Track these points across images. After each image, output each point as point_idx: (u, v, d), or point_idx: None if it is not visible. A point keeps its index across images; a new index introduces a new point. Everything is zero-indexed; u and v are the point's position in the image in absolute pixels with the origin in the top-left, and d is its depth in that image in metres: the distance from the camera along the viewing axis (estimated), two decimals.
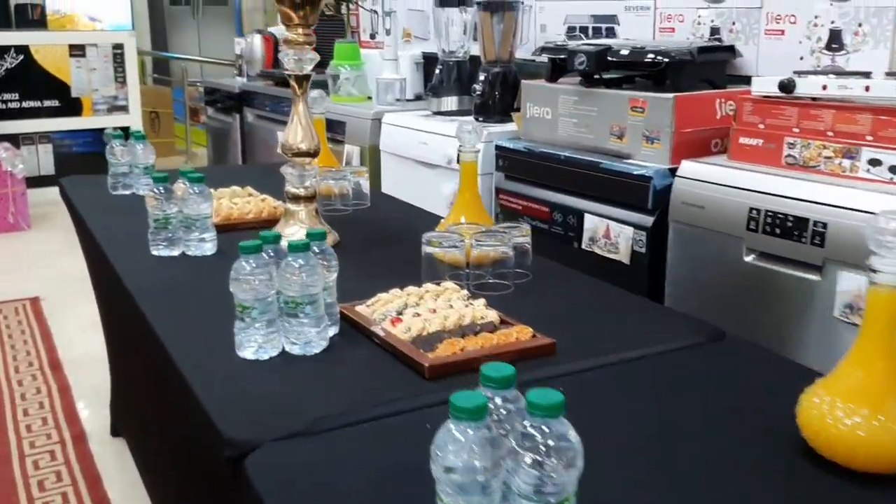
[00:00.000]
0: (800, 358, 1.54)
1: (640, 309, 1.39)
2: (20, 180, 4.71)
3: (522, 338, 1.16)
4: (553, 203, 2.22)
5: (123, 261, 1.60)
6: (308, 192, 1.70)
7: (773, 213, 1.66)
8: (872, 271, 0.84)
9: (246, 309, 1.13)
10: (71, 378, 2.84)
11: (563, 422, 0.68)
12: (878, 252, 0.83)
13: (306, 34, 1.63)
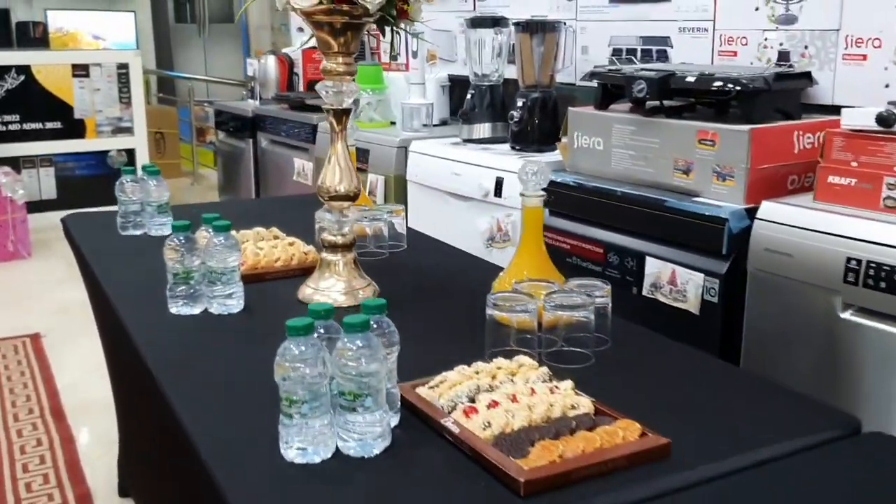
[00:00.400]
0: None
1: (753, 389, 1.18)
2: (21, 206, 4.51)
3: (630, 437, 0.95)
4: (608, 243, 2.02)
5: (137, 321, 1.40)
6: (346, 239, 1.51)
7: (875, 264, 1.46)
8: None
9: (295, 403, 0.92)
10: (74, 427, 2.63)
11: None
12: None
13: (347, 63, 1.43)
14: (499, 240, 2.39)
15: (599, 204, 2.03)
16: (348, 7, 1.34)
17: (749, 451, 0.96)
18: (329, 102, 1.46)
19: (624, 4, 2.40)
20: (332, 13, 1.36)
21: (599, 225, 2.05)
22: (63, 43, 7.51)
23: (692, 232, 1.79)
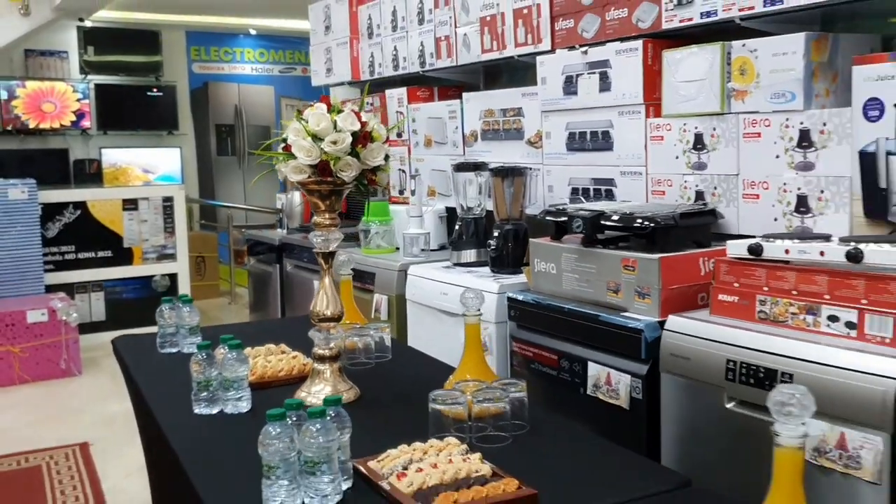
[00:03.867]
0: None
1: (619, 459, 1.56)
2: (73, 328, 5.03)
3: (509, 489, 1.34)
4: (560, 351, 2.41)
5: (169, 419, 1.83)
6: (332, 352, 1.93)
7: (746, 364, 1.84)
8: (776, 434, 1.03)
9: (272, 469, 1.34)
10: None
11: None
12: (778, 419, 1.02)
13: (332, 218, 1.90)
14: None
15: (553, 318, 2.44)
16: (331, 179, 1.82)
17: (596, 500, 1.34)
18: (318, 247, 1.93)
19: (578, 153, 2.87)
20: (319, 183, 1.84)
21: (554, 336, 2.45)
22: (115, 177, 8.30)
23: (620, 341, 2.19)
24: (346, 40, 4.25)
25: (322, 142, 1.75)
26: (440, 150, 3.64)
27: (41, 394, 4.72)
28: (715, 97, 2.36)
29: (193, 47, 9.00)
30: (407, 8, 3.76)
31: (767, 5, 2.19)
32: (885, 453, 1.61)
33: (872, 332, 1.73)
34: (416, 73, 3.76)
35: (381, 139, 1.85)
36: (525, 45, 3.06)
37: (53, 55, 8.13)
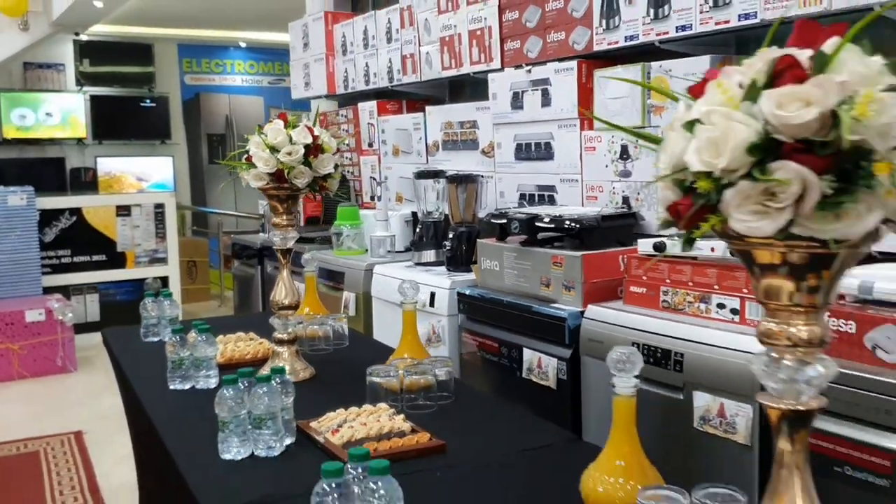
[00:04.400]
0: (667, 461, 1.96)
1: (523, 421, 1.85)
2: (69, 328, 5.31)
3: (422, 441, 1.63)
4: (501, 339, 2.70)
5: (147, 393, 2.11)
6: (290, 336, 2.21)
7: (648, 346, 2.13)
8: (612, 386, 1.31)
9: (225, 423, 1.62)
10: (109, 500, 3.29)
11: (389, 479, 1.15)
12: (615, 374, 1.30)
13: (289, 220, 2.19)
14: (434, 340, 3.07)
15: (495, 310, 2.73)
16: (287, 185, 2.10)
17: (495, 450, 1.63)
18: (277, 244, 2.21)
19: (525, 162, 3.16)
20: (277, 189, 2.12)
21: (496, 326, 2.73)
22: (110, 185, 8.58)
23: (548, 328, 2.47)
24: (322, 56, 4.54)
25: (279, 153, 2.04)
26: (406, 158, 3.93)
27: (38, 388, 4.99)
28: (637, 112, 2.65)
29: (185, 59, 9.31)
30: (377, 27, 4.06)
31: (679, 31, 2.49)
32: (754, 419, 1.90)
33: (751, 317, 2.02)
34: (385, 87, 4.05)
35: (331, 151, 2.13)
36: (479, 63, 3.35)
37: (51, 67, 8.43)
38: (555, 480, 1.48)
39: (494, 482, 1.50)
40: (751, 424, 1.91)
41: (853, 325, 1.75)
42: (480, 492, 1.47)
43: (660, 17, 2.53)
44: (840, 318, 1.77)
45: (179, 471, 1.58)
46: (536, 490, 1.46)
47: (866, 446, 1.67)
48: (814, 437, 1.74)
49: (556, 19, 2.95)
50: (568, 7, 2.89)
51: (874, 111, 0.65)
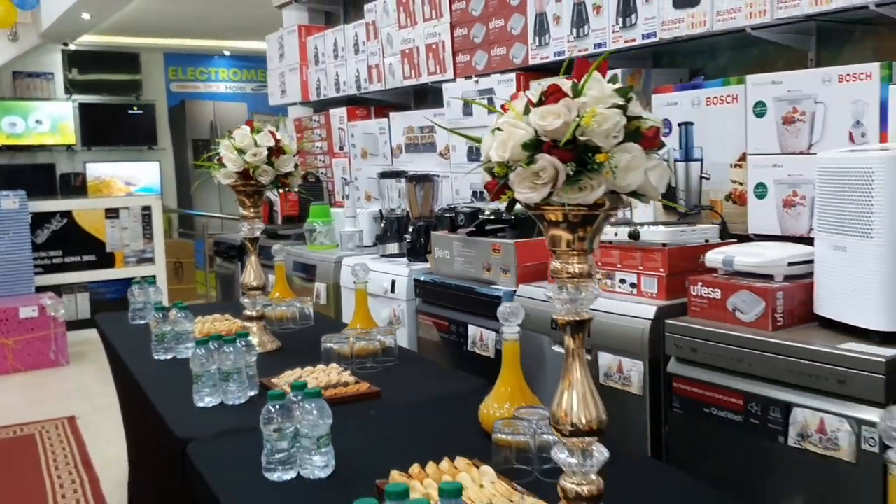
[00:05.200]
0: None
1: (450, 376, 2.21)
2: (61, 323, 5.63)
3: (361, 389, 1.99)
4: (450, 318, 3.06)
5: (135, 363, 2.46)
6: (258, 313, 2.57)
7: None
8: (503, 333, 1.67)
9: (198, 377, 1.97)
10: (100, 471, 3.63)
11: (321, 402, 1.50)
12: (504, 324, 1.66)
13: (255, 212, 2.54)
14: (395, 323, 3.43)
15: (445, 293, 3.09)
16: (252, 182, 2.46)
17: (423, 396, 1.99)
18: (245, 234, 2.57)
19: (475, 162, 3.53)
20: (244, 185, 2.48)
21: (446, 307, 3.09)
22: (99, 189, 8.91)
23: (487, 307, 2.83)
24: (296, 66, 4.90)
25: (245, 154, 2.39)
26: (374, 160, 4.29)
27: (32, 380, 5.32)
28: None
29: (171, 68, 9.65)
30: (346, 40, 4.42)
31: (596, 48, 2.86)
32: (645, 374, 2.27)
33: (646, 289, 2.39)
34: (354, 94, 4.41)
35: (292, 153, 2.49)
36: (435, 73, 3.72)
37: (40, 76, 8.75)
38: (465, 413, 1.84)
39: (416, 417, 1.86)
40: (642, 378, 2.27)
41: (719, 291, 2.12)
42: (405, 423, 1.83)
43: (580, 35, 2.90)
44: (709, 287, 2.14)
45: (161, 415, 1.93)
46: (450, 421, 1.82)
47: (726, 389, 2.04)
48: (686, 384, 2.13)
49: (498, 36, 3.32)
50: (507, 26, 3.26)
51: (597, 122, 1.02)
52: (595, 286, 1.17)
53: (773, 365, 1.95)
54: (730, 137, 2.47)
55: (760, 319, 2.03)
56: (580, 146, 1.03)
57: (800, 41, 2.52)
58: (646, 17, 2.65)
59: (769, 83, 2.35)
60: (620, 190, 1.08)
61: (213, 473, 1.59)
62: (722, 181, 2.54)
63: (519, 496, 1.35)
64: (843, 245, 1.92)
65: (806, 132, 2.27)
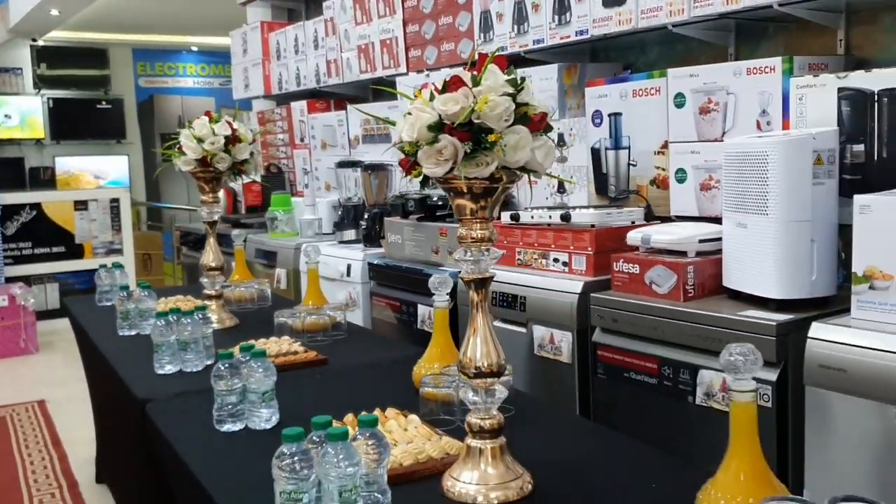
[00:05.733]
0: (521, 375, 2.53)
1: (391, 345, 2.40)
2: (30, 312, 5.74)
3: (309, 357, 2.17)
4: (401, 299, 3.24)
5: (101, 338, 2.62)
6: (217, 292, 2.74)
7: (503, 294, 2.69)
8: (435, 302, 1.86)
9: (158, 346, 2.14)
10: (68, 450, 3.78)
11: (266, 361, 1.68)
12: (435, 293, 1.85)
13: (214, 198, 2.71)
14: (350, 305, 3.61)
15: (396, 275, 3.27)
16: (211, 169, 2.63)
17: (365, 363, 2.17)
18: (205, 217, 2.73)
19: None
20: (204, 172, 2.64)
21: (397, 289, 3.28)
22: (68, 182, 8.97)
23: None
24: (259, 61, 5.06)
25: (203, 143, 2.56)
26: (333, 151, 4.46)
27: (3, 368, 5.43)
28: None
29: (139, 63, 9.73)
30: (305, 35, 4.58)
31: (535, 44, 3.05)
32: (573, 343, 2.47)
33: (576, 267, 2.59)
34: (314, 88, 4.58)
35: (247, 141, 2.66)
36: (389, 68, 3.90)
37: (9, 72, 8.80)
38: (404, 375, 2.02)
39: (358, 379, 2.05)
40: (571, 348, 2.48)
41: (637, 266, 2.32)
42: (348, 385, 2.01)
43: (521, 32, 3.09)
44: (629, 263, 2.35)
45: (124, 381, 2.10)
46: (389, 382, 2.01)
47: (643, 355, 2.25)
48: (609, 351, 2.33)
49: (446, 32, 3.51)
50: (455, 22, 3.45)
51: (489, 107, 1.21)
52: (495, 249, 1.35)
53: (683, 332, 2.15)
54: (654, 127, 2.68)
55: (673, 291, 2.24)
56: (475, 128, 1.22)
57: (720, 37, 2.73)
58: (579, 14, 2.85)
59: (687, 76, 2.55)
60: (511, 165, 1.27)
61: (169, 429, 1.77)
62: (647, 167, 2.75)
63: (437, 436, 1.54)
64: (745, 222, 2.13)
65: (720, 121, 2.48)
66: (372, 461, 1.24)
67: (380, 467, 1.26)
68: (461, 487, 1.35)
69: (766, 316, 2.00)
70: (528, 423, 1.74)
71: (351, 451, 1.20)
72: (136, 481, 2.47)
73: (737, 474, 1.18)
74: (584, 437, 1.72)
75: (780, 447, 1.99)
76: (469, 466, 1.36)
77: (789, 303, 2.04)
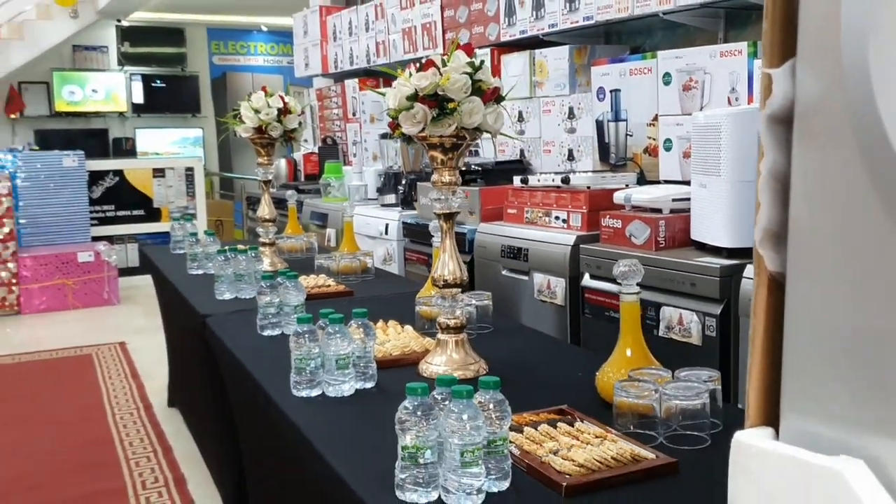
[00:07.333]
0: (521, 317, 2.96)
1: (411, 284, 2.85)
2: (113, 268, 6.41)
3: (339, 289, 2.64)
4: (428, 254, 3.69)
5: (172, 274, 3.15)
6: (270, 241, 3.23)
7: (508, 247, 3.12)
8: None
9: (219, 276, 2.64)
10: (144, 382, 4.37)
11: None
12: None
13: (268, 160, 3.20)
14: (388, 260, 4.08)
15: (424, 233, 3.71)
16: (266, 136, 3.11)
17: (388, 297, 2.63)
18: (261, 177, 3.22)
19: None
20: (260, 138, 3.13)
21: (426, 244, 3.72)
22: (147, 152, 9.68)
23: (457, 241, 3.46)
24: (317, 42, 5.55)
25: (259, 113, 3.05)
26: (380, 125, 4.92)
27: (89, 315, 6.11)
28: (526, 87, 3.62)
29: (214, 42, 10.38)
30: (358, 19, 5.05)
31: (550, 28, 3.44)
32: (566, 288, 2.88)
33: (573, 224, 2.99)
34: (365, 67, 5.04)
35: (297, 112, 3.13)
36: (428, 49, 4.33)
37: (96, 49, 9.54)
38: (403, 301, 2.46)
39: (376, 305, 2.51)
40: (564, 293, 2.89)
41: (619, 222, 2.72)
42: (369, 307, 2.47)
43: (538, 17, 3.49)
44: (613, 219, 2.74)
45: (189, 303, 2.61)
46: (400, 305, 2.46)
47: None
48: (594, 294, 2.74)
49: (477, 16, 3.92)
50: (485, 8, 3.86)
51: (451, 83, 1.64)
52: (460, 191, 1.79)
53: (651, 276, 2.54)
54: (646, 102, 3.06)
55: (647, 242, 2.63)
56: (440, 98, 1.66)
57: (711, 24, 3.08)
58: (586, 2, 3.23)
59: (673, 58, 2.92)
60: (468, 126, 1.70)
61: (224, 336, 2.26)
62: (641, 137, 3.13)
63: (420, 337, 1.99)
64: (705, 183, 2.50)
65: (699, 97, 2.85)
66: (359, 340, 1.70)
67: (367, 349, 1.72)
68: (433, 369, 1.80)
69: (714, 261, 2.39)
70: (500, 336, 2.17)
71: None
72: (200, 400, 2.99)
73: (623, 353, 1.60)
74: (539, 343, 2.16)
75: (724, 369, 2.38)
76: (438, 353, 1.81)
77: (738, 251, 2.41)
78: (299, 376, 1.72)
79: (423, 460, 1.18)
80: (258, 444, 2.21)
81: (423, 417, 1.20)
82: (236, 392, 2.31)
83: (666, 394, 1.41)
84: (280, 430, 1.69)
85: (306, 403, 1.68)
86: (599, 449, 1.26)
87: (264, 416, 1.87)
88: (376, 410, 1.61)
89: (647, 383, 1.45)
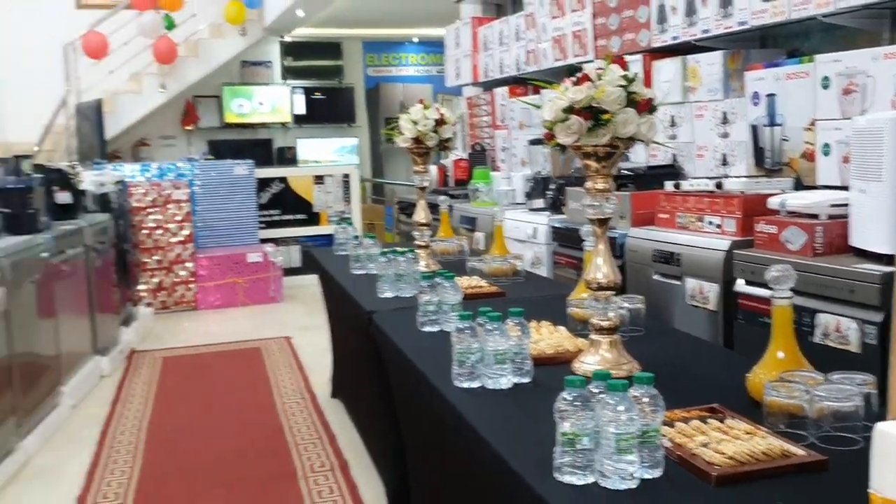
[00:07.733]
0: (673, 321, 2.99)
1: (558, 286, 2.95)
2: (278, 268, 6.86)
3: (491, 290, 2.77)
4: (578, 258, 3.77)
5: (337, 273, 3.39)
6: (426, 243, 3.41)
7: (660, 251, 3.15)
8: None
9: (381, 276, 2.84)
10: (310, 376, 4.69)
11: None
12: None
13: (424, 168, 3.39)
14: (537, 263, 4.19)
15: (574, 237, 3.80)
16: (423, 145, 3.30)
17: (536, 297, 2.75)
18: (417, 184, 3.41)
19: None
20: (417, 148, 3.32)
21: (576, 248, 3.81)
22: (307, 160, 10.24)
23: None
24: (469, 53, 5.73)
25: (417, 124, 3.24)
26: (528, 131, 5.04)
27: (257, 312, 6.58)
28: (678, 92, 3.63)
29: (368, 54, 10.85)
30: (509, 29, 5.19)
31: (703, 34, 3.44)
32: (720, 294, 2.89)
33: (727, 229, 2.99)
34: (514, 75, 5.17)
35: (451, 123, 3.30)
36: (579, 56, 4.41)
37: (261, 65, 10.21)
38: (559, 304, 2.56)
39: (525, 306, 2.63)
40: (718, 298, 2.90)
41: (775, 227, 2.71)
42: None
43: (691, 23, 3.49)
44: (768, 224, 2.73)
45: (355, 300, 2.82)
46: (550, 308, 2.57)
47: None
48: (748, 300, 2.74)
49: (628, 24, 3.96)
50: (636, 15, 3.89)
51: (605, 95, 1.72)
52: (613, 198, 1.88)
53: (807, 282, 2.52)
54: (803, 106, 3.01)
55: (804, 248, 2.61)
56: (595, 110, 1.75)
57: (874, 25, 3.00)
58: (740, 7, 3.21)
59: (832, 61, 2.87)
60: (622, 136, 1.78)
61: (389, 330, 2.45)
62: (798, 142, 3.08)
63: (573, 337, 2.08)
64: (866, 188, 2.46)
65: (860, 101, 2.78)
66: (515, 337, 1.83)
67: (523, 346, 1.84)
68: (586, 367, 1.89)
69: (874, 268, 2.34)
70: (652, 338, 2.23)
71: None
72: (364, 393, 3.21)
73: (775, 355, 1.63)
74: (691, 346, 2.20)
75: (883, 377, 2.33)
76: (591, 353, 1.90)
77: None
78: (460, 368, 1.86)
79: (580, 446, 1.29)
80: (421, 440, 2.38)
81: (581, 407, 1.31)
82: (400, 387, 2.49)
83: (818, 395, 1.44)
84: (443, 418, 1.84)
85: (467, 394, 1.82)
86: (749, 444, 1.32)
87: (427, 406, 2.02)
88: (533, 403, 1.73)
89: (798, 384, 1.48)
